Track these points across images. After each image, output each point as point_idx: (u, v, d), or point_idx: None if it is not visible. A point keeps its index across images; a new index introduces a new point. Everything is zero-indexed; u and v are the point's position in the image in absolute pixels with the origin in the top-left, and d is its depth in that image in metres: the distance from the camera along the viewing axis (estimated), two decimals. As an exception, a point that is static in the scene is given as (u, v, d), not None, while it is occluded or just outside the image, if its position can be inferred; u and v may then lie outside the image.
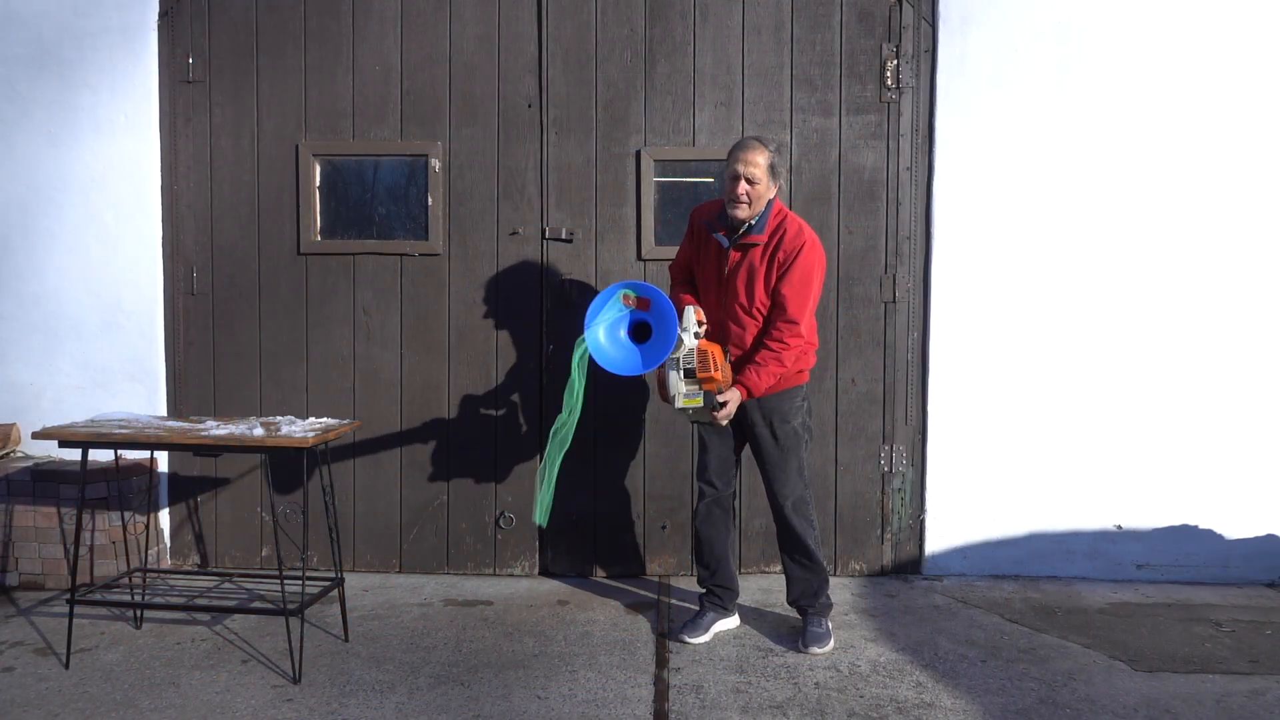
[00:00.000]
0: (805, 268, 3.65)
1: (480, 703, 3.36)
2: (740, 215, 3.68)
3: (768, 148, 3.67)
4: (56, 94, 4.65)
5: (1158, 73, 4.50)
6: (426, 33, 4.61)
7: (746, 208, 3.66)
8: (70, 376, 4.72)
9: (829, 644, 3.81)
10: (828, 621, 3.90)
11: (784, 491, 3.82)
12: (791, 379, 3.78)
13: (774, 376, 3.66)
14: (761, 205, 3.69)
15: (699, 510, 3.98)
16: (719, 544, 3.97)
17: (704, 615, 3.96)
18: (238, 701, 3.37)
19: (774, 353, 3.64)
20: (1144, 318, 4.57)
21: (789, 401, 3.80)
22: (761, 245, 3.69)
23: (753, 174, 3.63)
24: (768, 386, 3.67)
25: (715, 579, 3.98)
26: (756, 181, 3.64)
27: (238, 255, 4.71)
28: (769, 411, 3.79)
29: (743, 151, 3.66)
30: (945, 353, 4.59)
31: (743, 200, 3.65)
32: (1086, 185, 4.54)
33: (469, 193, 4.62)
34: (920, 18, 4.54)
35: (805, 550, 3.85)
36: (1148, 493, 4.60)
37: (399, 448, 4.70)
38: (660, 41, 4.57)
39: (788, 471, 3.82)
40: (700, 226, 3.85)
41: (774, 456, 3.82)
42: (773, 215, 3.72)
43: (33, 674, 3.60)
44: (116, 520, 4.36)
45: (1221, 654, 3.79)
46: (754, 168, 3.63)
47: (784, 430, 3.80)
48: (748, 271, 3.71)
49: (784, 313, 3.65)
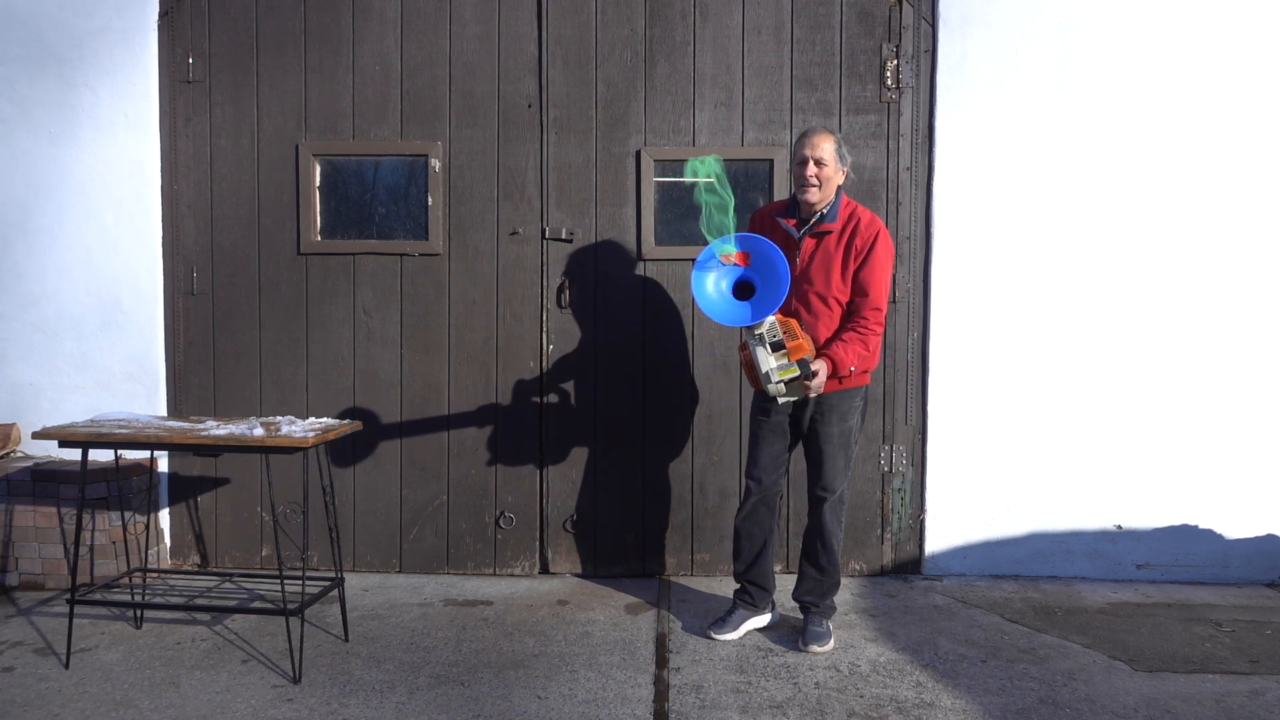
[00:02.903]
0: (884, 254, 3.72)
1: (480, 703, 3.36)
2: (811, 199, 3.72)
3: (834, 134, 3.75)
4: (56, 94, 4.65)
5: (1158, 73, 4.50)
6: (426, 33, 4.61)
7: (817, 190, 3.70)
8: (70, 376, 4.72)
9: (829, 643, 3.82)
10: (829, 622, 3.91)
11: (831, 486, 3.82)
12: (855, 378, 3.77)
13: (857, 357, 3.67)
14: (831, 190, 3.74)
15: (744, 506, 3.97)
16: (757, 541, 3.96)
17: (735, 613, 3.97)
18: (238, 701, 3.37)
19: (860, 334, 3.67)
20: (1144, 318, 4.57)
21: (849, 400, 3.80)
22: (836, 233, 3.73)
23: (821, 156, 3.69)
24: (851, 364, 3.66)
25: (749, 575, 3.98)
26: (825, 164, 3.69)
27: (238, 255, 4.71)
28: (829, 408, 3.79)
29: (809, 137, 3.73)
30: (945, 353, 4.60)
31: (812, 182, 3.69)
32: (1086, 185, 4.54)
33: (469, 193, 4.63)
34: (920, 18, 4.54)
35: (829, 551, 3.85)
36: (1148, 493, 4.60)
37: (399, 448, 4.70)
38: (660, 41, 4.57)
39: (836, 468, 3.83)
40: (768, 220, 3.87)
41: (827, 452, 3.82)
42: (844, 204, 3.77)
43: (33, 674, 3.60)
44: (116, 520, 4.37)
45: (1221, 654, 3.79)
46: (821, 150, 3.69)
47: (841, 428, 3.80)
48: (824, 260, 3.74)
49: (868, 298, 3.69)
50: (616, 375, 4.64)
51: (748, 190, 4.59)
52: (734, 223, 3.46)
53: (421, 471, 4.70)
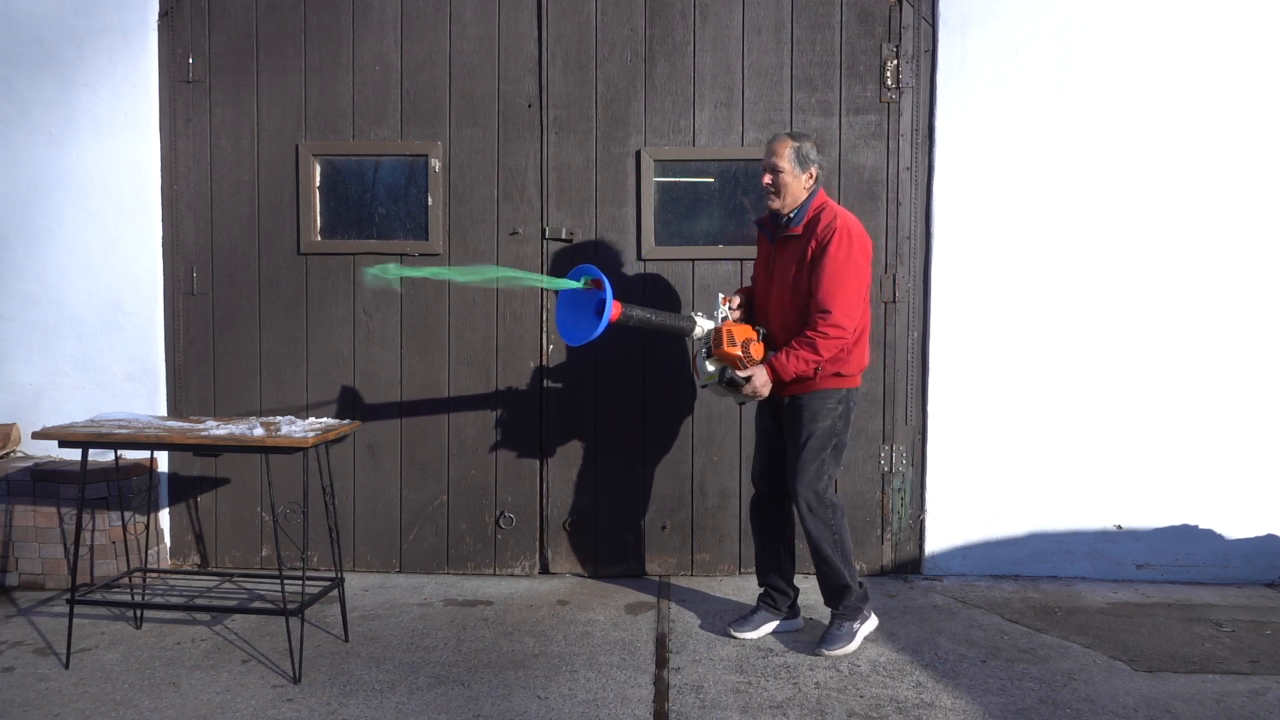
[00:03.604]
0: (835, 256, 3.60)
1: (480, 703, 3.36)
2: (773, 205, 3.76)
3: (795, 139, 3.73)
4: (56, 94, 4.65)
5: (1157, 73, 4.50)
6: (426, 33, 4.61)
7: (776, 198, 3.74)
8: (70, 376, 4.72)
9: (843, 646, 3.75)
10: (853, 625, 3.80)
11: (798, 490, 3.74)
12: (828, 379, 3.70)
13: (805, 363, 3.61)
14: (791, 196, 3.73)
15: (751, 510, 4.04)
16: (763, 543, 3.98)
17: (757, 613, 3.98)
18: (238, 701, 3.37)
19: (807, 340, 3.61)
20: (1144, 318, 4.57)
21: (819, 401, 3.72)
22: (799, 236, 3.71)
23: (774, 163, 3.71)
24: (796, 371, 3.63)
25: (763, 578, 3.99)
26: (780, 170, 3.70)
27: (238, 255, 4.71)
28: (798, 408, 3.75)
29: (769, 145, 3.76)
30: (945, 353, 4.59)
31: (769, 190, 3.74)
32: (1087, 185, 4.54)
33: (469, 193, 4.62)
34: (920, 18, 4.54)
35: (821, 556, 3.78)
36: (1148, 493, 4.60)
37: (399, 448, 4.70)
38: (660, 41, 4.57)
39: (806, 472, 3.72)
40: (759, 229, 3.93)
41: (792, 453, 3.77)
42: (812, 207, 3.74)
43: (33, 674, 3.60)
44: (116, 520, 4.36)
45: (1221, 654, 3.79)
46: (775, 157, 3.71)
47: (810, 429, 3.72)
48: (786, 265, 3.74)
49: (816, 302, 3.62)
50: (616, 375, 4.63)
51: (747, 191, 4.59)
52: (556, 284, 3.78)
53: (421, 471, 4.70)
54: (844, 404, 3.77)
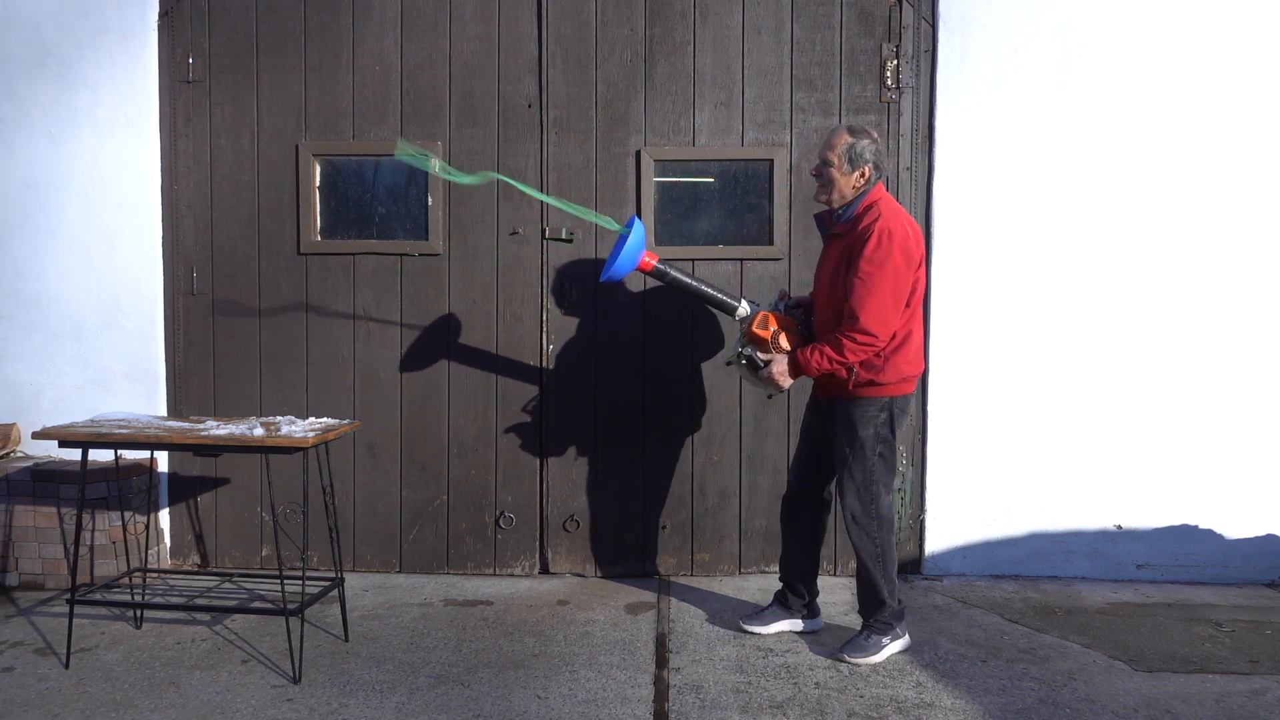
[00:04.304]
0: (870, 259, 3.48)
1: (480, 703, 3.36)
2: (819, 199, 3.73)
3: (852, 134, 3.61)
4: (56, 94, 4.65)
5: (1158, 73, 4.50)
6: (426, 33, 4.61)
7: (822, 192, 3.69)
8: (70, 376, 4.72)
9: (865, 657, 3.68)
10: (881, 639, 3.71)
11: (843, 499, 3.70)
12: (864, 387, 3.61)
13: (828, 361, 3.55)
14: (838, 192, 3.64)
15: (781, 505, 4.03)
16: (787, 541, 3.97)
17: (770, 608, 3.98)
18: (238, 701, 3.37)
19: (834, 339, 3.55)
20: (1144, 318, 4.57)
21: (862, 409, 3.63)
22: (844, 235, 3.65)
23: (825, 155, 3.64)
24: (819, 368, 3.57)
25: (782, 575, 3.99)
26: (829, 164, 3.62)
27: (238, 255, 4.71)
28: (840, 415, 3.70)
29: (828, 134, 3.71)
30: (945, 352, 4.59)
31: (817, 182, 3.70)
32: (1086, 185, 4.54)
33: (469, 192, 4.62)
34: (920, 18, 4.54)
35: (861, 564, 3.73)
36: (1148, 493, 4.60)
37: (399, 448, 4.70)
38: (660, 41, 4.57)
39: (849, 481, 3.67)
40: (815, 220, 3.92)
41: (839, 461, 3.72)
42: (860, 207, 3.61)
43: (33, 674, 3.60)
44: (116, 520, 4.37)
45: (1221, 654, 3.79)
46: (828, 150, 3.63)
47: (850, 437, 3.65)
48: (829, 264, 3.72)
49: (847, 306, 3.54)
50: (617, 375, 4.63)
51: (747, 191, 4.59)
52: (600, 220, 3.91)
53: (421, 471, 4.70)
54: (886, 411, 3.65)
